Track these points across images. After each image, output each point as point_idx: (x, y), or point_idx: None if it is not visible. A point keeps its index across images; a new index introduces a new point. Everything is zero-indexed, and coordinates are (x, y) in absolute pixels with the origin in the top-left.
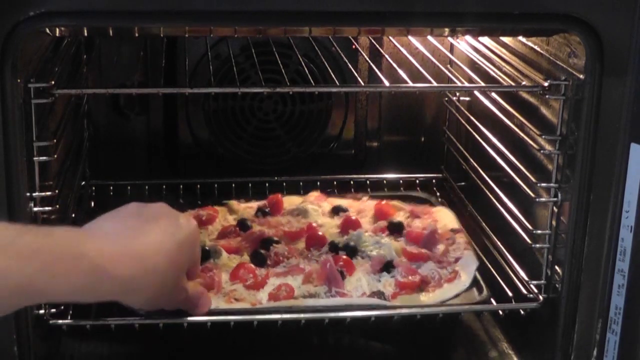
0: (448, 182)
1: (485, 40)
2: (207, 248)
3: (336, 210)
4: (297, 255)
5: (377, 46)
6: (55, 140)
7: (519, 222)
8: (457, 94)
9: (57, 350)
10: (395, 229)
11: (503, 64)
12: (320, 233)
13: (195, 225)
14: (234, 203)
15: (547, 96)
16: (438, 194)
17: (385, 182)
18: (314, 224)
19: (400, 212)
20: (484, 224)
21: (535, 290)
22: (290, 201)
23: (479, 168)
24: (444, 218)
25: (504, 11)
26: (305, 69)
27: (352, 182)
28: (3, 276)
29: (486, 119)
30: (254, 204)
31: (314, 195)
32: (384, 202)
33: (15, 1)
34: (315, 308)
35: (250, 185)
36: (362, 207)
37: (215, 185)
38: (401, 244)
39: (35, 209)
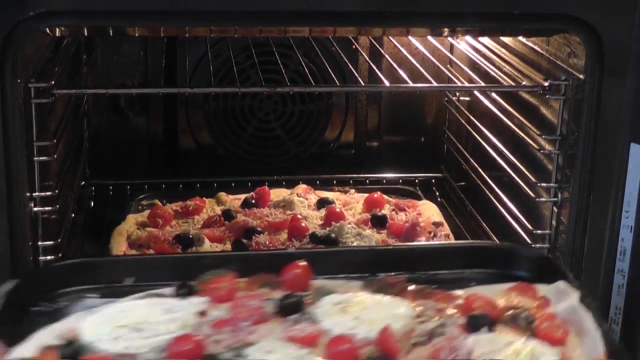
0: (448, 182)
1: (485, 40)
2: (190, 236)
3: (322, 203)
4: (279, 245)
5: (377, 46)
6: (55, 140)
7: (519, 222)
8: (457, 94)
9: None
10: (378, 222)
11: (503, 64)
12: (303, 224)
13: None
14: (222, 195)
15: (547, 96)
16: (437, 193)
17: (384, 181)
18: (299, 216)
19: (386, 205)
20: (484, 224)
21: None
22: (278, 193)
23: (479, 168)
24: (428, 211)
25: (504, 11)
26: (305, 69)
27: (351, 182)
28: None
29: (486, 119)
30: (242, 196)
31: (302, 188)
32: (377, 194)
33: (15, 1)
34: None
35: (249, 184)
36: (348, 200)
37: (215, 185)
38: (383, 236)
39: (35, 209)
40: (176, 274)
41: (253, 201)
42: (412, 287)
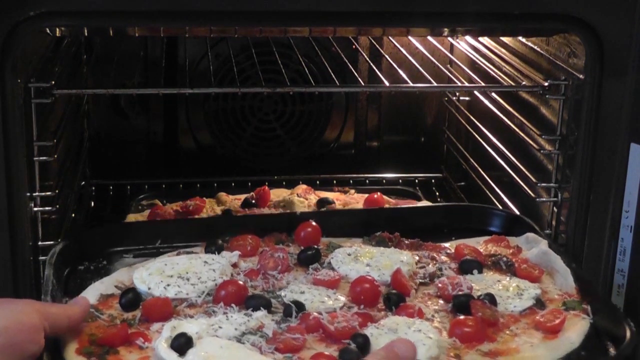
0: (448, 182)
1: (485, 40)
2: None
3: (322, 203)
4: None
5: (377, 46)
6: (55, 141)
7: None
8: (457, 94)
9: None
10: None
11: (503, 64)
12: None
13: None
14: (222, 195)
15: (547, 96)
16: (437, 193)
17: (384, 181)
18: None
19: (386, 206)
20: None
21: None
22: (278, 193)
23: (479, 168)
24: None
25: (504, 11)
26: (305, 69)
27: (351, 182)
28: None
29: (486, 119)
30: (242, 196)
31: (302, 188)
32: (376, 195)
33: (15, 1)
34: None
35: (249, 184)
36: (348, 200)
37: (215, 185)
38: None
39: (35, 209)
40: (200, 235)
41: (253, 201)
42: (406, 241)
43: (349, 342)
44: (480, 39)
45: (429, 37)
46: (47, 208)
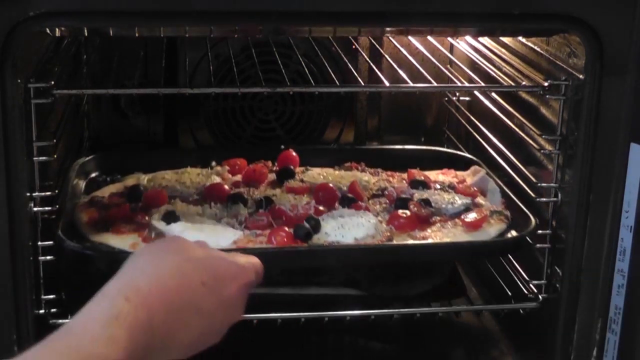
0: None
1: (485, 40)
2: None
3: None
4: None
5: (377, 46)
6: (55, 141)
7: None
8: (457, 94)
9: None
10: None
11: (503, 64)
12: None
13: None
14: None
15: (547, 96)
16: None
17: None
18: None
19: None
20: None
21: (535, 290)
22: None
23: None
24: None
25: (504, 11)
26: (305, 69)
27: None
28: None
29: (486, 119)
30: None
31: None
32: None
33: (15, 1)
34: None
35: None
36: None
37: None
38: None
39: (35, 209)
40: (199, 160)
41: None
42: (370, 170)
43: (304, 223)
44: (480, 39)
45: (429, 37)
46: (47, 208)
